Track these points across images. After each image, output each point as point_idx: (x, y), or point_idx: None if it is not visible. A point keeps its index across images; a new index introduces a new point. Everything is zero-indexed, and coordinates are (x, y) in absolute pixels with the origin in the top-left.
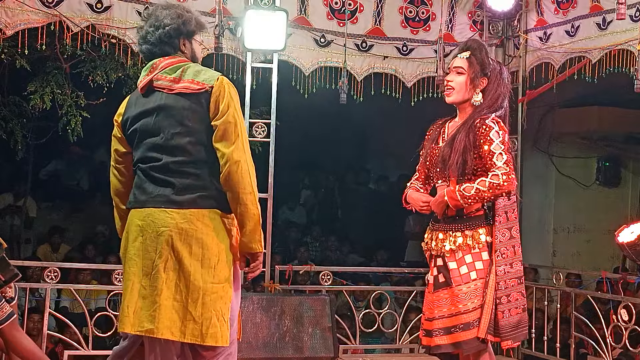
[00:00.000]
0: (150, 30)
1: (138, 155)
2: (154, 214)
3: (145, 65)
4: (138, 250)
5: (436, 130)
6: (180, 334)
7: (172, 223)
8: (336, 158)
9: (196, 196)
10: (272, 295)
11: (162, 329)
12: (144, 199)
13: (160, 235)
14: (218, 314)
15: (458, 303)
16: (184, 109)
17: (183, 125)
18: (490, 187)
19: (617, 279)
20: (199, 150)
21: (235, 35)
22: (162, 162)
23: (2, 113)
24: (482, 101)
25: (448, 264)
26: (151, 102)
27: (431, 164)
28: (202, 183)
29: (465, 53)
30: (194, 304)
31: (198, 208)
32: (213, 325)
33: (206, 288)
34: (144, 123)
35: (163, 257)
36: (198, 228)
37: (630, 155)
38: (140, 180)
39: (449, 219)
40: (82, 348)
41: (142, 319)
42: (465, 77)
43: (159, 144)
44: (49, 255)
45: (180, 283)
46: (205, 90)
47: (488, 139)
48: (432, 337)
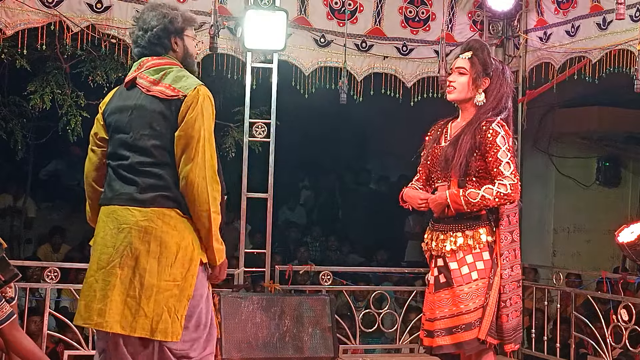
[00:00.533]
0: (139, 34)
1: (109, 150)
2: (117, 211)
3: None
4: (97, 245)
5: (438, 130)
6: (131, 329)
7: (133, 220)
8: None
9: (158, 195)
10: (272, 295)
11: (111, 323)
12: (110, 196)
13: (121, 232)
14: (170, 310)
15: (459, 303)
16: (155, 112)
17: (151, 128)
18: (497, 197)
19: (617, 279)
20: (164, 154)
21: (235, 35)
22: (129, 161)
23: (2, 113)
24: (484, 101)
25: (449, 264)
26: (130, 100)
27: (432, 163)
28: (164, 184)
29: (467, 53)
30: (147, 300)
31: (159, 207)
32: (164, 320)
33: (160, 285)
34: (119, 119)
35: (119, 252)
36: (158, 226)
37: (630, 155)
38: (109, 178)
39: (449, 219)
40: (82, 348)
41: (91, 312)
42: (467, 77)
43: (127, 142)
44: (50, 256)
45: (135, 280)
46: (178, 98)
47: (495, 144)
48: (433, 337)
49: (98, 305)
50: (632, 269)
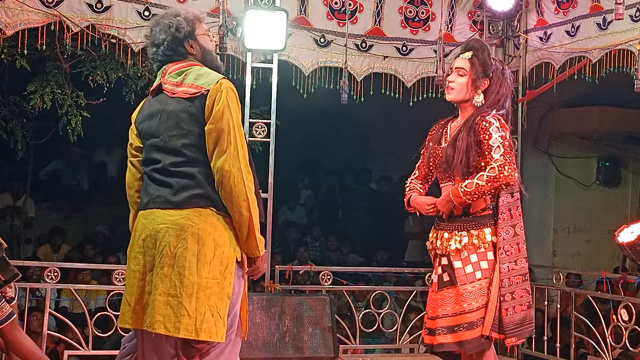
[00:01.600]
0: (153, 50)
1: (143, 156)
2: (154, 212)
3: None
4: (140, 248)
5: (439, 131)
6: (175, 329)
7: (170, 220)
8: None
9: (192, 195)
10: (272, 295)
11: (155, 324)
12: (146, 201)
13: (159, 232)
14: (212, 309)
15: (462, 302)
16: (181, 112)
17: (179, 128)
18: (488, 180)
19: (617, 279)
20: (194, 152)
21: (235, 35)
22: (162, 164)
23: (2, 113)
24: (483, 102)
25: (453, 263)
26: (157, 106)
27: (435, 164)
28: (197, 183)
29: (467, 53)
30: (188, 298)
31: (194, 207)
32: (207, 320)
33: (200, 283)
34: (149, 125)
35: (161, 252)
36: (195, 223)
37: (630, 155)
38: (145, 184)
39: (454, 219)
40: (82, 348)
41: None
42: (466, 78)
43: (159, 145)
44: (49, 256)
45: (175, 278)
46: (201, 94)
47: (488, 133)
48: (435, 335)
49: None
50: (632, 269)
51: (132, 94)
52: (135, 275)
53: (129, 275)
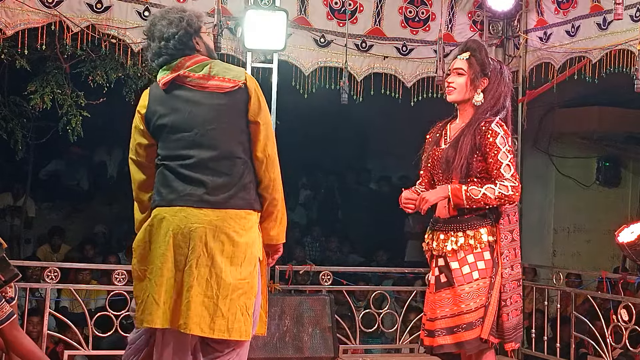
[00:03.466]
0: (161, 44)
1: (165, 152)
2: (185, 210)
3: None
4: (169, 246)
5: (437, 133)
6: (210, 330)
7: (206, 220)
8: (336, 158)
9: (228, 196)
10: (272, 295)
11: (191, 325)
12: (172, 197)
13: (194, 231)
14: (242, 309)
15: (460, 303)
16: (220, 106)
17: (218, 122)
18: (498, 197)
19: (617, 279)
20: (233, 145)
21: (235, 35)
22: (194, 159)
23: (2, 113)
24: (483, 101)
25: (450, 264)
26: (180, 99)
27: (433, 165)
28: (234, 181)
29: (465, 54)
30: (224, 300)
31: (231, 208)
32: (238, 320)
33: (235, 285)
34: (176, 119)
35: (196, 253)
36: (230, 225)
37: (630, 155)
38: (166, 179)
39: (450, 219)
40: (82, 348)
41: (174, 314)
42: (465, 78)
43: (192, 139)
44: (49, 256)
45: (212, 280)
46: (239, 87)
47: (495, 146)
48: (434, 337)
49: (179, 307)
50: (632, 269)
51: (132, 94)
52: (163, 273)
53: (155, 273)
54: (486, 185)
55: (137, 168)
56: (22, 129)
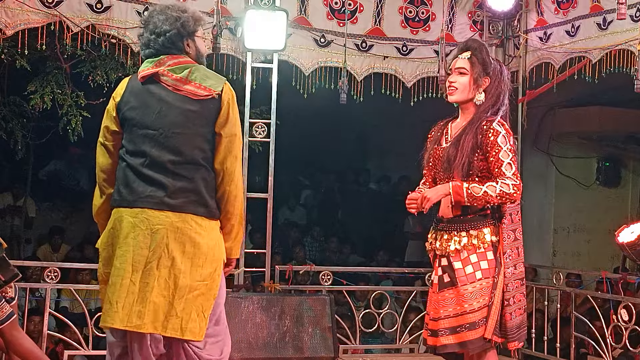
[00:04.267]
0: (151, 37)
1: (130, 147)
2: (146, 212)
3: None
4: (129, 247)
5: (438, 132)
6: (162, 328)
7: (168, 221)
8: (336, 158)
9: (188, 201)
10: (272, 295)
11: (147, 324)
12: (132, 199)
13: (156, 232)
14: (198, 309)
15: (464, 302)
16: (190, 112)
17: (185, 127)
18: (499, 195)
19: (617, 279)
20: (196, 153)
21: (235, 35)
22: (156, 159)
23: (2, 113)
24: (484, 100)
25: (453, 264)
26: (154, 96)
27: (434, 164)
28: (194, 187)
29: (466, 53)
30: (179, 300)
31: (190, 213)
32: (192, 320)
33: (192, 286)
34: (144, 114)
35: (157, 254)
36: (192, 227)
37: (630, 155)
38: (127, 178)
39: (453, 219)
40: (82, 348)
41: (131, 314)
42: (468, 77)
43: (156, 139)
44: (49, 256)
45: (170, 280)
46: (212, 97)
47: (496, 144)
48: (437, 336)
49: (137, 308)
50: (632, 269)
51: None
52: (120, 274)
53: (114, 274)
54: (487, 183)
55: (104, 151)
56: (22, 129)
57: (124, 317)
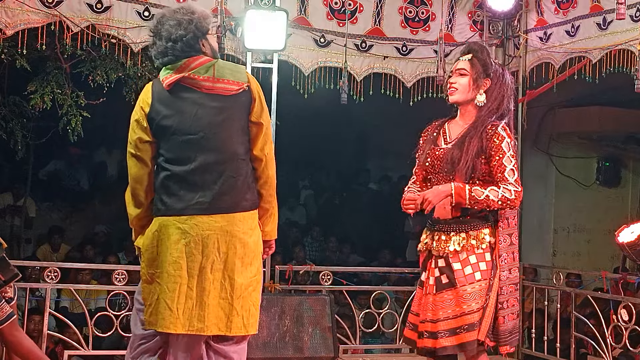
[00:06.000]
0: (168, 45)
1: (169, 154)
2: (195, 218)
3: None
4: (182, 253)
5: (434, 132)
6: (227, 329)
7: (217, 226)
8: (336, 158)
9: (236, 199)
10: (272, 295)
11: (210, 326)
12: (180, 207)
13: (206, 238)
14: (255, 304)
15: (462, 304)
16: (225, 108)
17: (224, 124)
18: (501, 200)
19: (617, 279)
20: (237, 147)
21: (235, 35)
22: (201, 163)
23: (2, 113)
24: (485, 102)
25: (452, 265)
26: (186, 100)
27: (433, 165)
28: (240, 183)
29: (467, 55)
30: (238, 300)
31: (240, 211)
32: (252, 315)
33: (247, 284)
34: (181, 120)
35: (210, 259)
36: (240, 229)
37: (630, 155)
38: (171, 187)
39: (452, 220)
40: (82, 348)
41: (192, 319)
42: (468, 78)
43: (198, 142)
44: (49, 256)
45: (225, 282)
46: (244, 89)
47: (500, 149)
48: (437, 338)
49: (197, 312)
50: (632, 269)
51: (132, 94)
52: (177, 280)
53: (168, 280)
54: (490, 187)
55: (137, 162)
56: (22, 129)
57: (186, 322)
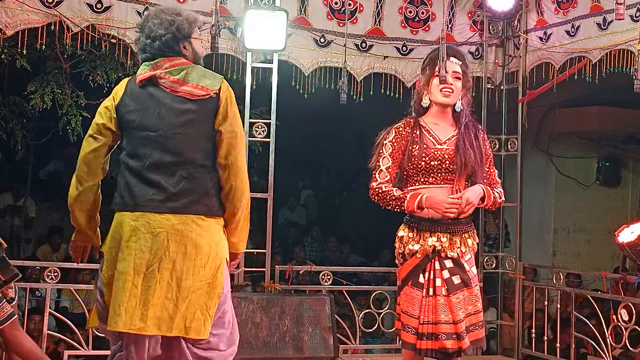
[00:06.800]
0: (147, 42)
1: (130, 149)
2: (147, 216)
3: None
4: (131, 250)
5: (413, 132)
6: (167, 329)
7: (168, 224)
8: (336, 158)
9: (190, 202)
10: (272, 295)
11: (151, 327)
12: (133, 203)
13: (157, 236)
14: (202, 308)
15: (476, 302)
16: (188, 112)
17: (185, 127)
18: (499, 198)
19: (617, 279)
20: (197, 153)
21: (235, 35)
22: (155, 160)
23: (2, 113)
24: (463, 107)
25: (463, 265)
26: (152, 98)
27: (429, 164)
28: (195, 187)
29: (455, 59)
30: (182, 301)
31: (193, 214)
32: (197, 319)
33: (195, 286)
34: (144, 116)
35: (158, 257)
36: (193, 229)
37: (630, 155)
38: (128, 181)
39: (459, 221)
40: (82, 348)
41: (133, 317)
42: (461, 82)
43: (156, 140)
44: (49, 256)
45: (172, 282)
46: (210, 96)
47: (491, 154)
48: (462, 339)
49: (140, 310)
50: (632, 269)
51: None
52: (123, 278)
53: (117, 278)
54: (495, 188)
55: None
56: (22, 129)
57: (127, 321)
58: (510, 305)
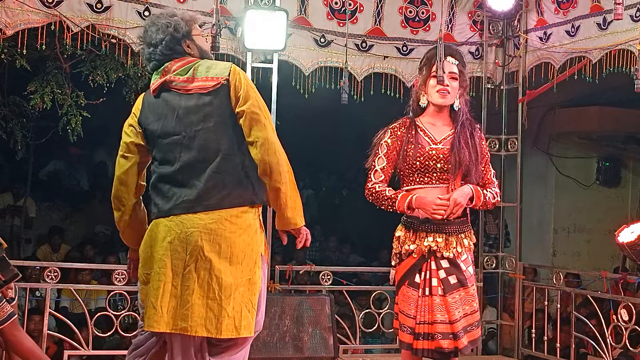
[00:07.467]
0: (150, 50)
1: (159, 156)
2: (181, 216)
3: None
4: (167, 251)
5: (409, 132)
6: (216, 331)
7: (201, 224)
8: (336, 158)
9: (222, 196)
10: (272, 295)
11: (195, 327)
12: (168, 207)
13: (190, 235)
14: (248, 305)
15: (473, 302)
16: (204, 106)
17: (205, 122)
18: (492, 198)
19: (617, 279)
20: (222, 143)
21: (235, 35)
22: (184, 161)
23: (2, 113)
24: (461, 106)
25: (460, 265)
26: (168, 104)
27: (425, 164)
28: (227, 180)
29: (452, 59)
30: (227, 300)
31: (225, 208)
32: (245, 317)
33: (237, 284)
34: (164, 124)
35: (193, 257)
36: (226, 227)
37: (630, 155)
38: (160, 188)
39: (455, 221)
40: (82, 348)
41: (176, 318)
42: (458, 82)
43: (181, 142)
44: (49, 256)
45: (213, 282)
46: (221, 84)
47: (487, 154)
48: (459, 338)
49: (181, 311)
50: (632, 269)
51: (132, 94)
52: (161, 278)
53: (154, 278)
54: (488, 189)
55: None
56: (22, 129)
57: (170, 321)
58: (510, 305)
